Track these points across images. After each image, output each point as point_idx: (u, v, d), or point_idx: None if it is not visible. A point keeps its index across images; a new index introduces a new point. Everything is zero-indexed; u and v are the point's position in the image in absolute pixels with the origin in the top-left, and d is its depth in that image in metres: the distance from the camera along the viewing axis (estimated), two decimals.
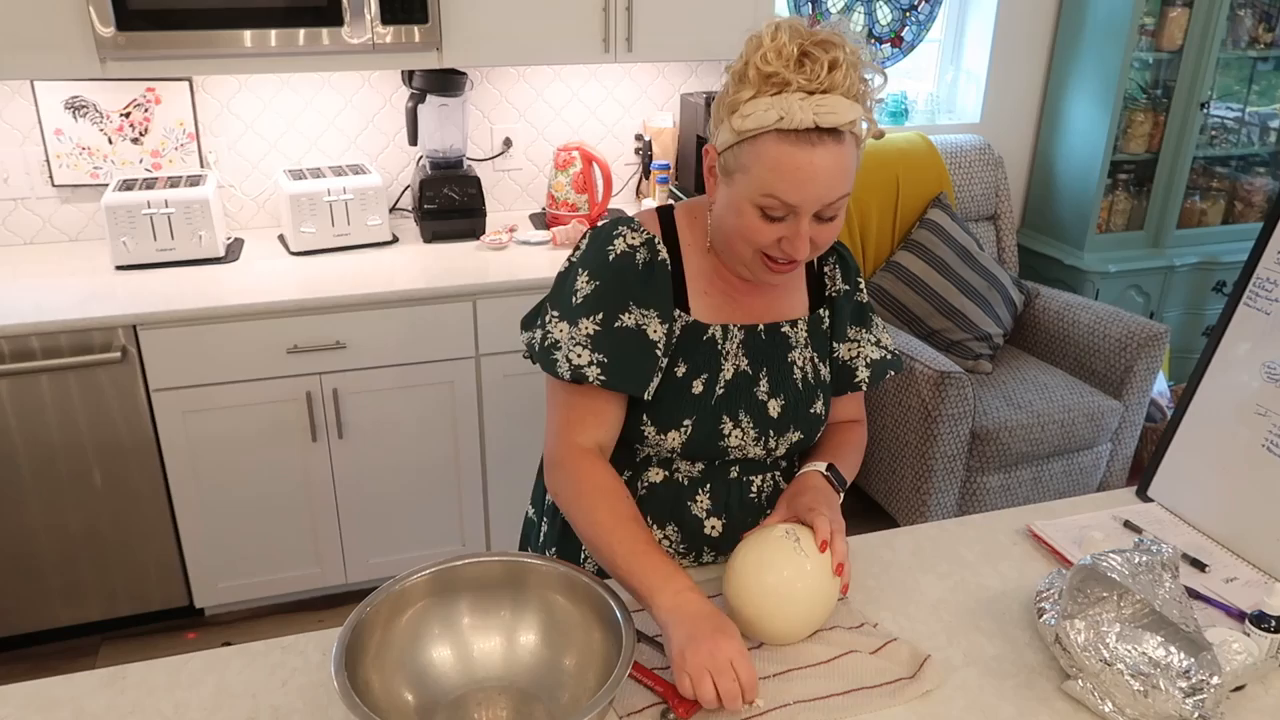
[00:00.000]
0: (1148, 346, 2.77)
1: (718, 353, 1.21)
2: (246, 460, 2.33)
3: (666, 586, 1.04)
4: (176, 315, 2.15)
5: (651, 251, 1.19)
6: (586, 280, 1.18)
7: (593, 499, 1.14)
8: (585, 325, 1.16)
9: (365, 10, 2.24)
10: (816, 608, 1.12)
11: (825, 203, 1.07)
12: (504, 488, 2.57)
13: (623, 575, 1.08)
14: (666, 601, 1.03)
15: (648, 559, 1.07)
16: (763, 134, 1.05)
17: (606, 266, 1.18)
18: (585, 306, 1.17)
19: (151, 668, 1.09)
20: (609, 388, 1.16)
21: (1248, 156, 3.60)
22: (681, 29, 2.53)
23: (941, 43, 3.46)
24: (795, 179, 1.05)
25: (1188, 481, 1.39)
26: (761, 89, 1.05)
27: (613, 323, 1.16)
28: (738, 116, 1.07)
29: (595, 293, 1.17)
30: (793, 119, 1.03)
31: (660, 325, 1.18)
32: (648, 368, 1.17)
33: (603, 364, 1.15)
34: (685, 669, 0.98)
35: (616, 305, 1.17)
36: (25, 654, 2.41)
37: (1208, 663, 0.99)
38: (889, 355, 1.36)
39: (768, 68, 1.04)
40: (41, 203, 2.57)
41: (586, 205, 2.73)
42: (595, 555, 1.14)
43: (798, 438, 1.27)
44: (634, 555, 1.08)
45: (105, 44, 2.12)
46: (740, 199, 1.10)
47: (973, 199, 3.23)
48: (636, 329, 1.16)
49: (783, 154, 1.05)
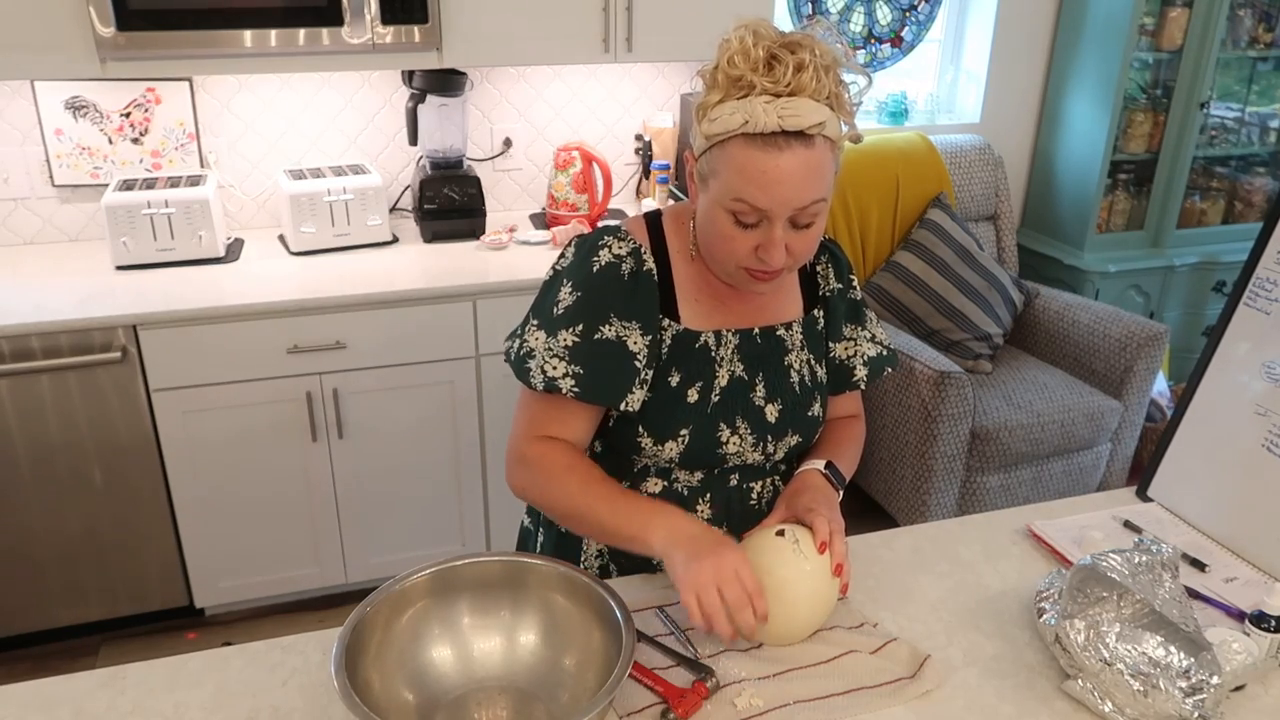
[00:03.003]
0: (1148, 346, 2.77)
1: (711, 360, 1.20)
2: (246, 460, 2.33)
3: (656, 518, 1.09)
4: (176, 315, 2.15)
5: (637, 261, 1.18)
6: (569, 291, 1.17)
7: (561, 478, 1.16)
8: (564, 336, 1.16)
9: (365, 10, 2.24)
10: (816, 609, 1.12)
11: (796, 207, 1.05)
12: (504, 488, 2.55)
13: (612, 529, 1.11)
14: (661, 531, 1.07)
15: (629, 502, 1.12)
16: (730, 138, 1.04)
17: (590, 277, 1.17)
18: (566, 318, 1.16)
19: (151, 668, 1.09)
20: (582, 400, 1.16)
21: (1248, 156, 3.60)
22: (681, 29, 2.53)
23: (941, 43, 3.46)
24: (762, 183, 1.03)
25: (1188, 481, 1.39)
26: (729, 92, 1.04)
27: (592, 335, 1.15)
28: (706, 121, 1.06)
29: (577, 304, 1.17)
30: (757, 122, 1.01)
31: (642, 337, 1.17)
32: (626, 380, 1.16)
33: (578, 375, 1.15)
34: (691, 586, 1.02)
35: (597, 317, 1.16)
36: (25, 654, 2.41)
37: (1208, 663, 0.99)
38: (885, 351, 1.35)
39: (734, 71, 1.03)
40: (42, 203, 2.57)
41: (586, 205, 2.73)
42: (582, 527, 1.18)
43: (796, 441, 1.26)
44: (616, 505, 1.12)
45: (105, 44, 2.12)
46: (714, 205, 1.09)
47: (972, 199, 3.23)
48: (617, 341, 1.16)
49: (749, 158, 1.03)
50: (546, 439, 1.19)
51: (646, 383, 1.18)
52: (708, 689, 1.04)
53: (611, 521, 1.11)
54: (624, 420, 1.21)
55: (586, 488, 1.14)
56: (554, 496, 1.17)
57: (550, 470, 1.17)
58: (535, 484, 1.18)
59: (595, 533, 1.15)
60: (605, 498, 1.13)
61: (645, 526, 1.08)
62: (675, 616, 1.17)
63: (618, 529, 1.11)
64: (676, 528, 1.08)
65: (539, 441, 1.19)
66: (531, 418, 1.20)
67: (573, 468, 1.16)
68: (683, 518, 1.10)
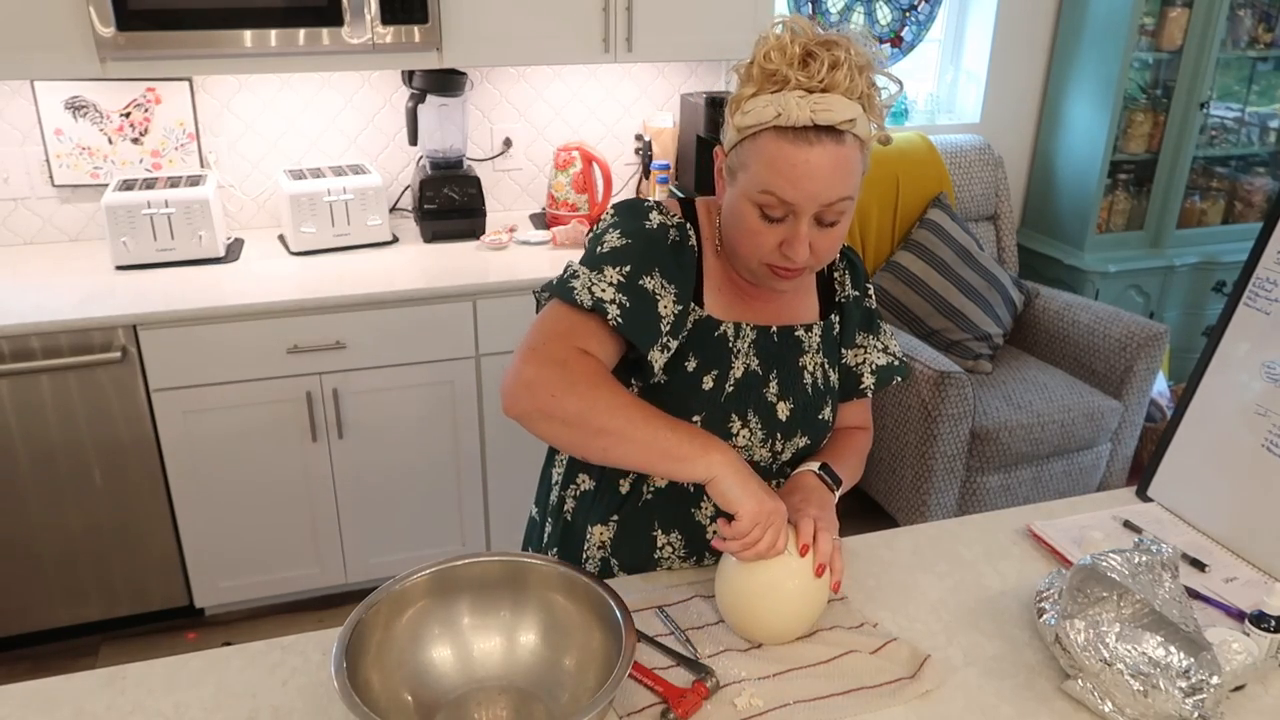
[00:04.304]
0: (1147, 346, 2.77)
1: (728, 350, 1.21)
2: (246, 460, 2.33)
3: (713, 444, 1.07)
4: (176, 315, 2.15)
5: (683, 234, 1.19)
6: (619, 237, 1.16)
7: (606, 385, 1.06)
8: (610, 273, 1.12)
9: (365, 10, 2.24)
10: (807, 605, 1.11)
11: (823, 203, 1.07)
12: (504, 488, 2.58)
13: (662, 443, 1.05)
14: (721, 453, 1.06)
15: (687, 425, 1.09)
16: (762, 131, 1.06)
17: (642, 230, 1.17)
18: (613, 257, 1.14)
19: (151, 668, 1.09)
20: (621, 331, 1.10)
21: (1247, 156, 3.60)
22: (681, 29, 2.53)
23: (941, 43, 3.46)
24: (791, 176, 1.05)
25: (1188, 481, 1.39)
26: (763, 86, 1.06)
27: (636, 280, 1.13)
28: (739, 113, 1.08)
29: (626, 249, 1.14)
30: (790, 115, 1.03)
31: (674, 304, 1.15)
32: (657, 332, 1.14)
33: (623, 305, 1.11)
34: (755, 517, 1.05)
35: (644, 265, 1.14)
36: (25, 654, 2.41)
37: (1208, 663, 0.99)
38: (896, 361, 1.36)
39: (770, 65, 1.05)
40: (41, 203, 2.57)
41: (586, 205, 2.73)
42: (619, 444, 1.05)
43: (804, 443, 1.27)
44: (669, 420, 1.06)
45: (105, 44, 2.12)
46: (741, 198, 1.10)
47: (973, 199, 3.23)
48: (653, 295, 1.14)
49: (780, 151, 1.05)
50: (585, 352, 1.09)
51: (668, 349, 1.16)
52: (708, 689, 1.04)
53: (662, 433, 1.04)
54: None
55: (634, 401, 1.07)
56: (599, 403, 1.04)
57: (598, 376, 1.06)
58: (576, 386, 1.04)
59: (630, 446, 1.05)
60: (656, 414, 1.06)
61: (706, 445, 1.05)
62: (675, 616, 1.17)
63: (668, 443, 1.04)
64: (733, 459, 1.06)
65: (578, 352, 1.08)
66: (564, 331, 1.09)
67: (616, 383, 1.08)
68: (734, 449, 1.09)
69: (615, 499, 1.27)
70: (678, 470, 1.07)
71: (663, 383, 1.19)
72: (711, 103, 2.67)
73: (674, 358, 1.19)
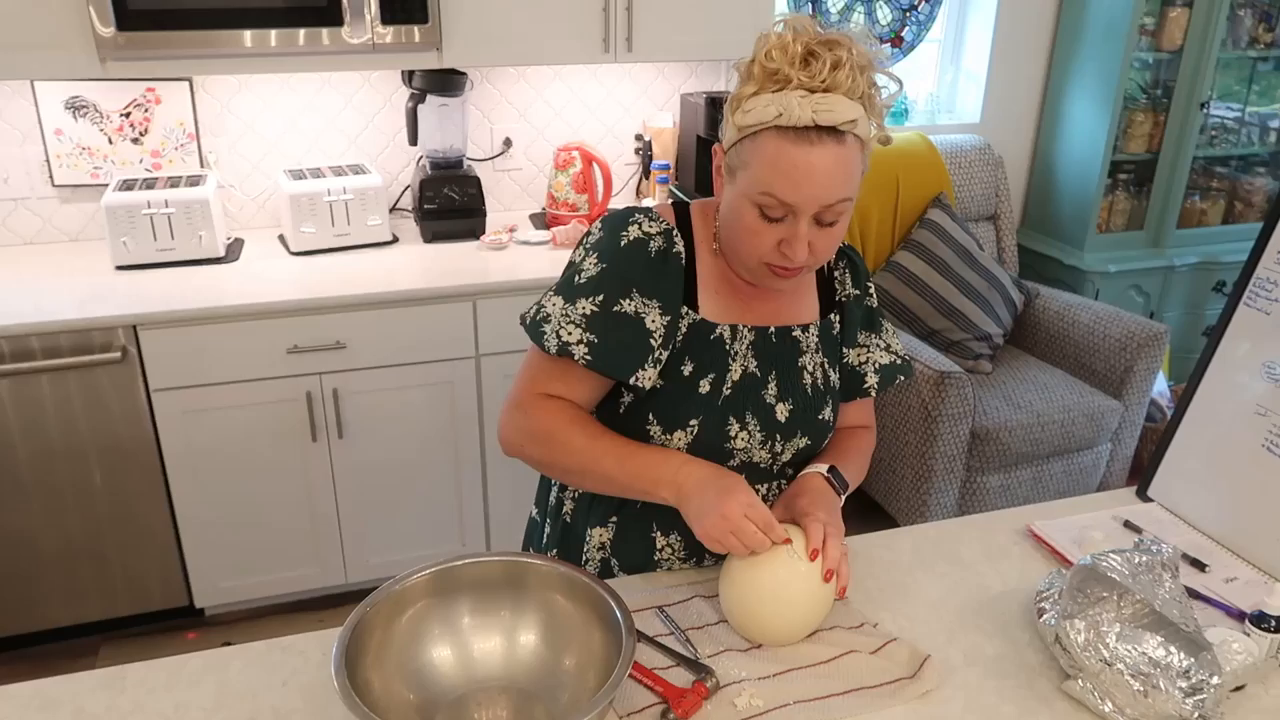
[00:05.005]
0: (1148, 346, 2.77)
1: (725, 353, 1.21)
2: (246, 460, 2.33)
3: (662, 471, 1.13)
4: (176, 315, 2.15)
5: (668, 242, 1.19)
6: (594, 263, 1.18)
7: (566, 429, 1.16)
8: (583, 305, 1.16)
9: (365, 10, 2.24)
10: (813, 609, 1.11)
11: (823, 204, 1.06)
12: (504, 488, 2.57)
13: (623, 483, 1.15)
14: (668, 489, 1.12)
15: (640, 456, 1.15)
16: (763, 130, 1.06)
17: (617, 251, 1.18)
18: (587, 288, 1.17)
19: (151, 668, 1.09)
20: (592, 368, 1.16)
21: (1248, 156, 3.60)
22: (681, 29, 2.53)
23: (941, 43, 3.46)
24: (792, 176, 1.05)
25: (1188, 481, 1.39)
26: (764, 85, 1.06)
27: (611, 306, 1.16)
28: (740, 112, 1.08)
29: (600, 275, 1.17)
30: (791, 115, 1.03)
31: (661, 316, 1.17)
32: (639, 356, 1.16)
33: (591, 344, 1.15)
34: (709, 540, 1.09)
35: (619, 290, 1.16)
36: (25, 654, 2.41)
37: (1208, 663, 0.99)
38: (899, 360, 1.35)
39: (771, 64, 1.05)
40: (41, 203, 2.57)
41: (586, 205, 2.73)
42: (587, 481, 1.20)
43: (805, 444, 1.26)
44: (625, 459, 1.15)
45: (105, 44, 2.12)
46: (740, 197, 1.10)
47: (973, 199, 3.23)
48: (635, 316, 1.16)
49: (781, 151, 1.04)
50: (550, 396, 1.19)
51: (660, 362, 1.17)
52: (708, 689, 1.04)
53: (621, 476, 1.15)
54: (635, 408, 1.21)
55: (593, 441, 1.16)
56: (557, 448, 1.17)
57: (554, 423, 1.17)
58: (531, 431, 1.18)
59: (602, 486, 1.18)
60: (611, 452, 1.15)
61: (655, 483, 1.13)
62: (675, 616, 1.17)
63: (629, 483, 1.15)
64: (682, 480, 1.12)
65: (542, 397, 1.19)
66: (535, 376, 1.20)
67: (576, 420, 1.17)
68: (685, 466, 1.13)
69: (613, 501, 1.27)
70: (645, 498, 1.15)
71: (659, 388, 1.19)
72: (712, 103, 2.67)
73: (670, 363, 1.19)
